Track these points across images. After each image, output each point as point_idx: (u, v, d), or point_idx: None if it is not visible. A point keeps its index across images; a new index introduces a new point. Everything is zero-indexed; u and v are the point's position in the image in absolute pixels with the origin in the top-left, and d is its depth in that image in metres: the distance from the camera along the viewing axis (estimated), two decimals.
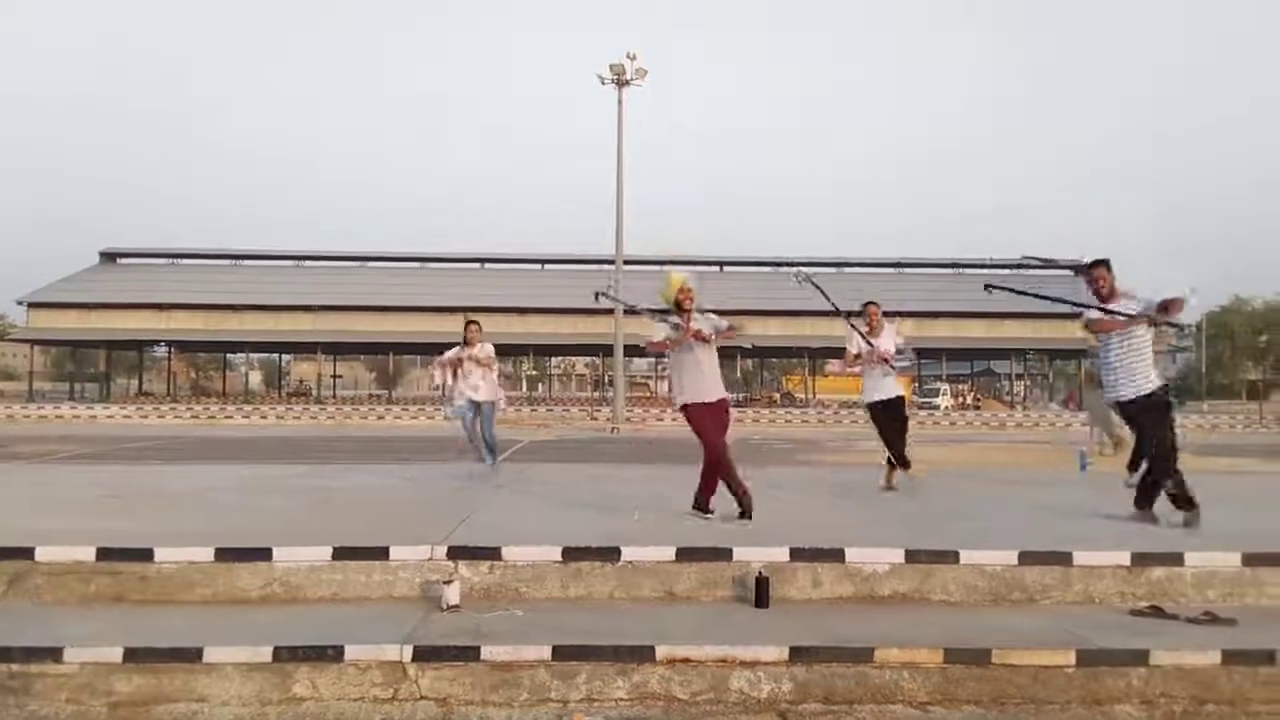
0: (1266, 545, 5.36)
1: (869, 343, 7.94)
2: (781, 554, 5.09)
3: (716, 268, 49.80)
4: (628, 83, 30.55)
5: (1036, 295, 6.76)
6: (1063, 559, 5.11)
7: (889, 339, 7.96)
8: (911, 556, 5.10)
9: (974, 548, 5.22)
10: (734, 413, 8.32)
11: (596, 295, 7.59)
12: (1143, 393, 6.19)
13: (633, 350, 44.23)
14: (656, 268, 48.41)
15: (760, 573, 4.90)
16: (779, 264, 49.27)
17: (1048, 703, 4.10)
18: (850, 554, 5.11)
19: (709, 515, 6.31)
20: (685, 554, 5.10)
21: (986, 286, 7.02)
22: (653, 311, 6.54)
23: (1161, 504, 6.30)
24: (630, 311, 6.97)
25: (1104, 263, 6.40)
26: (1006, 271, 45.40)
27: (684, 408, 6.49)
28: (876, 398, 8.03)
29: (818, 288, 8.04)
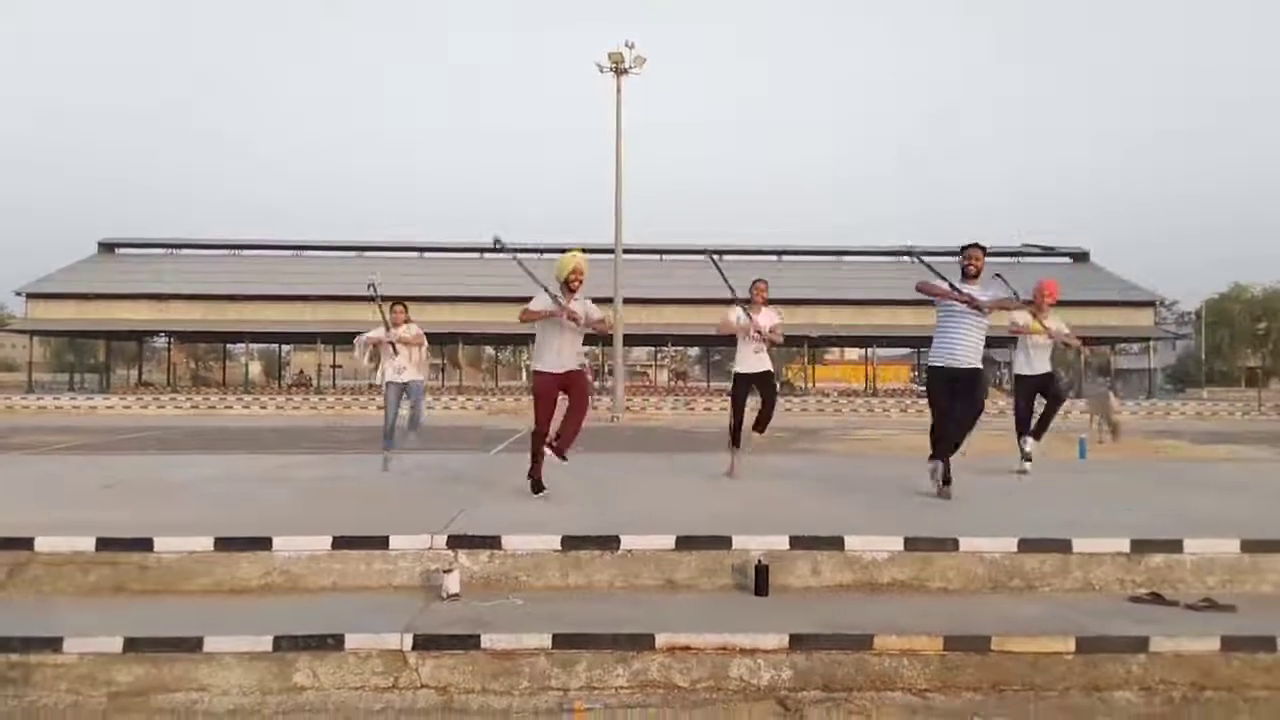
0: (1266, 532, 5.37)
1: (749, 315, 8.15)
2: (781, 542, 5.09)
3: (716, 256, 49.78)
4: (626, 71, 30.40)
5: (937, 274, 7.16)
6: (1062, 546, 5.11)
7: (766, 317, 8.23)
8: (911, 544, 5.11)
9: (973, 535, 5.22)
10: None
11: (495, 240, 7.58)
12: (963, 365, 6.91)
13: (631, 340, 44.27)
14: (657, 257, 48.40)
15: (760, 561, 4.90)
16: (779, 252, 49.23)
17: (1047, 690, 4.11)
18: (850, 542, 5.11)
19: (543, 491, 6.77)
20: (685, 542, 5.10)
21: (908, 252, 7.70)
22: (556, 300, 6.82)
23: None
24: (536, 284, 7.08)
25: (978, 245, 7.06)
26: (1007, 259, 45.35)
27: (537, 374, 6.95)
28: (745, 370, 8.26)
29: (719, 269, 8.37)
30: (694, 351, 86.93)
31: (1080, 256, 49.71)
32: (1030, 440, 8.88)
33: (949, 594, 4.98)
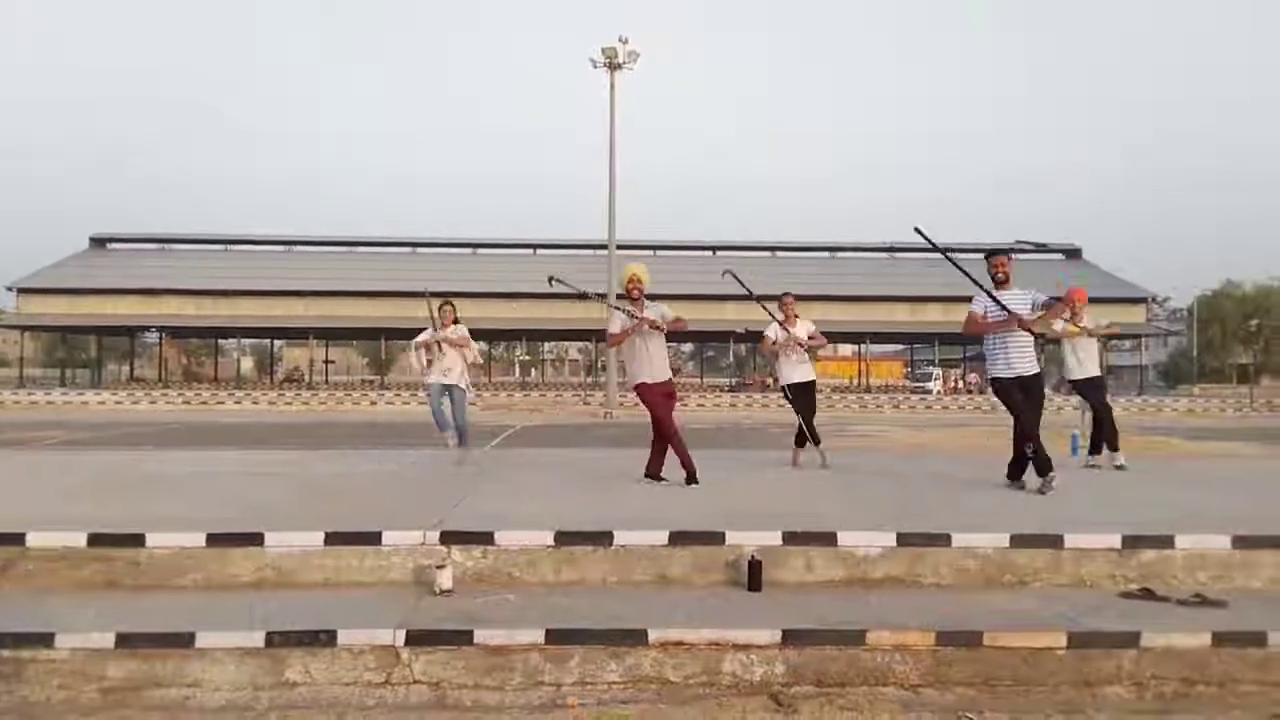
0: (1257, 528, 5.39)
1: (786, 330, 8.62)
2: (774, 538, 5.10)
3: (710, 252, 49.79)
4: (619, 66, 30.37)
5: (953, 262, 7.20)
6: (1054, 542, 5.13)
7: (803, 328, 8.68)
8: (903, 540, 5.12)
9: (965, 531, 5.23)
10: (726, 398, 8.67)
11: (550, 280, 7.99)
12: (1026, 374, 6.99)
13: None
14: (651, 253, 48.39)
15: (753, 556, 4.91)
16: (773, 248, 49.27)
17: (1038, 685, 4.12)
18: (842, 537, 5.12)
19: (662, 480, 7.27)
20: (678, 538, 5.10)
21: (917, 229, 7.47)
22: (600, 297, 7.07)
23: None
24: (581, 297, 7.51)
25: (1004, 252, 7.17)
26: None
27: (637, 387, 7.28)
28: (793, 380, 8.77)
29: (739, 281, 8.64)
30: (687, 348, 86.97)
31: (1072, 253, 49.86)
32: (1105, 454, 9.17)
33: (941, 590, 5.00)
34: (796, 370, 8.66)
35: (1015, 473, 7.32)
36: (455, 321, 8.98)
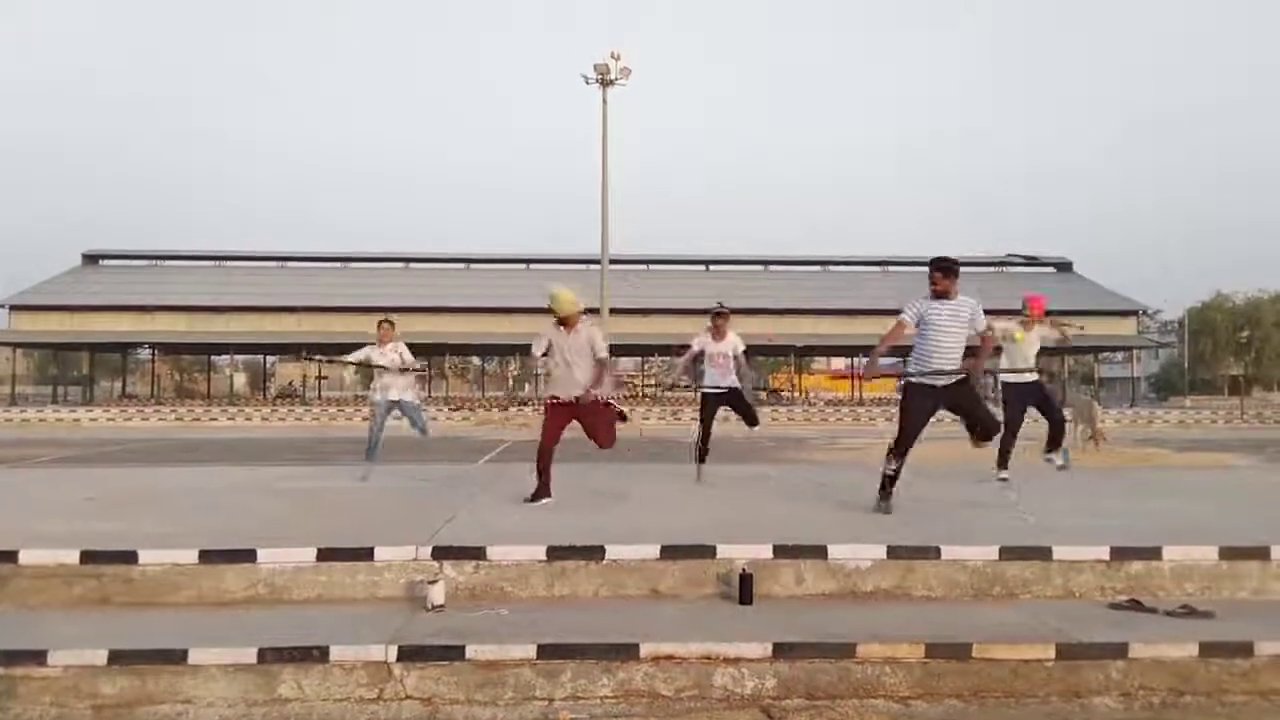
0: (1243, 539, 5.43)
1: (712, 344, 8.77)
2: (765, 551, 5.13)
3: (703, 266, 49.92)
4: (612, 82, 30.51)
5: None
6: (1043, 554, 5.17)
7: (729, 345, 8.78)
8: (893, 552, 5.15)
9: (955, 543, 5.27)
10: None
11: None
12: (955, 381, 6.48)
13: (619, 350, 44.26)
14: (644, 267, 48.49)
15: (744, 570, 4.93)
16: (765, 262, 49.39)
17: (1028, 696, 4.15)
18: (833, 550, 5.15)
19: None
20: (669, 552, 5.13)
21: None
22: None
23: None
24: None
25: (939, 265, 6.50)
26: (990, 269, 45.65)
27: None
28: (719, 385, 8.84)
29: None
30: (679, 362, 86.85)
31: (1063, 266, 50.06)
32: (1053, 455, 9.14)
33: (931, 602, 5.03)
34: (718, 381, 8.76)
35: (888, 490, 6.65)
36: (394, 340, 9.05)
